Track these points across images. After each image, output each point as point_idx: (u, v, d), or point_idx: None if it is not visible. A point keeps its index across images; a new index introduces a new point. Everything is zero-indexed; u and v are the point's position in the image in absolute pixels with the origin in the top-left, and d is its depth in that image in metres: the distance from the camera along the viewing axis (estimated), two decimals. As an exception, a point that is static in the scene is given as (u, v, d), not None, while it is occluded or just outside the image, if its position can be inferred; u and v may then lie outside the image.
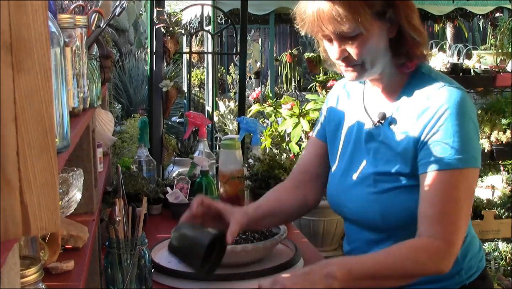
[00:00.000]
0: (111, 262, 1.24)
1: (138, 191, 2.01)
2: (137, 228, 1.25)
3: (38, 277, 0.72)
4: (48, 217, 0.47)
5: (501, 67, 3.76)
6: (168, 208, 2.08)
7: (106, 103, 2.35)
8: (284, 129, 2.75)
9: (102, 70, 1.64)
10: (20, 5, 0.45)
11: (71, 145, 0.82)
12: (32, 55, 0.46)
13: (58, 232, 1.10)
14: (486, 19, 9.37)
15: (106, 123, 1.99)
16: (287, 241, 1.69)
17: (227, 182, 2.02)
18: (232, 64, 9.24)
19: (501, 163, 3.76)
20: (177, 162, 2.45)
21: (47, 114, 0.47)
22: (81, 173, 1.25)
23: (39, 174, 0.46)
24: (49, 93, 0.47)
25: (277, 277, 1.10)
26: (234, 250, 1.48)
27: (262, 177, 1.95)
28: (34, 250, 0.97)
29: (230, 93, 8.23)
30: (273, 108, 2.88)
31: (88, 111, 1.19)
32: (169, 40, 2.61)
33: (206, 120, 2.54)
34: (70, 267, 1.10)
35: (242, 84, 2.97)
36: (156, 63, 2.65)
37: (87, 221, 1.34)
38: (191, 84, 3.67)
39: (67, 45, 0.99)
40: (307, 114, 2.69)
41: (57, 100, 0.71)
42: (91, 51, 1.39)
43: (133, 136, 3.51)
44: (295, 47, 9.90)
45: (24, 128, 0.45)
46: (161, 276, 1.48)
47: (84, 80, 1.11)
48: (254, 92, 3.26)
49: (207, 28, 6.26)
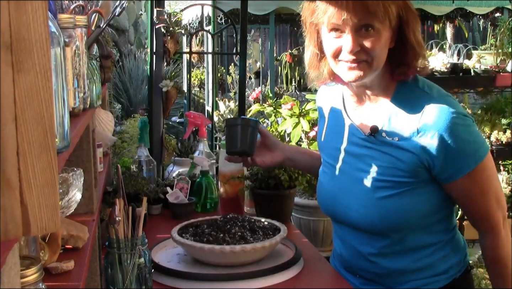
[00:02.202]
0: (111, 262, 1.24)
1: (138, 191, 2.01)
2: (137, 228, 1.25)
3: (38, 277, 0.72)
4: (48, 217, 0.47)
5: (501, 67, 3.76)
6: (168, 208, 2.08)
7: (106, 103, 2.35)
8: (284, 129, 2.75)
9: (102, 70, 1.64)
10: (20, 5, 0.45)
11: (71, 145, 0.82)
12: (32, 55, 0.46)
13: (58, 232, 1.10)
14: (486, 19, 9.38)
15: (106, 123, 1.99)
16: (287, 241, 1.69)
17: (227, 182, 2.02)
18: (232, 64, 9.24)
19: (501, 163, 3.76)
20: (177, 162, 2.45)
21: (47, 114, 0.47)
22: (81, 173, 1.25)
23: (39, 174, 0.46)
24: (49, 93, 0.47)
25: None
26: (234, 250, 1.48)
27: (262, 177, 1.95)
28: (34, 250, 0.97)
29: (230, 93, 8.23)
30: (273, 108, 2.88)
31: (88, 111, 1.19)
32: (169, 40, 2.60)
33: (206, 120, 2.53)
34: (70, 267, 1.10)
35: (242, 84, 2.97)
36: (156, 63, 2.65)
37: (87, 221, 1.34)
38: (191, 84, 3.67)
39: (67, 45, 0.99)
40: (307, 114, 2.69)
41: (57, 100, 0.71)
42: (91, 51, 1.39)
43: (133, 136, 3.51)
44: (295, 47, 9.90)
45: (24, 128, 0.45)
46: (161, 276, 1.48)
47: (84, 80, 1.11)
48: (254, 92, 3.26)
49: (207, 28, 6.26)
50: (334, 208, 1.43)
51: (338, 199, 1.40)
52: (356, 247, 1.40)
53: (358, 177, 1.34)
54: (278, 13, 7.94)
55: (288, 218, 2.03)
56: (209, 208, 2.14)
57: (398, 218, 1.29)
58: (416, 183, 1.28)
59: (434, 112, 1.23)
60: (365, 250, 1.38)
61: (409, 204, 1.29)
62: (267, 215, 1.82)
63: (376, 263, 1.37)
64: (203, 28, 3.91)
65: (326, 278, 1.54)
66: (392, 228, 1.31)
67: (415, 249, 1.34)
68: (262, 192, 1.96)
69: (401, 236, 1.33)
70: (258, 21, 8.50)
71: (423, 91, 1.28)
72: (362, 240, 1.38)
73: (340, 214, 1.41)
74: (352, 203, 1.35)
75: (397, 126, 1.28)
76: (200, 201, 2.13)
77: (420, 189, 1.29)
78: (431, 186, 1.30)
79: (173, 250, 1.68)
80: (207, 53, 6.75)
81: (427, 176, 1.28)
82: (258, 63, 9.70)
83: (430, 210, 1.32)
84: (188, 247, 1.55)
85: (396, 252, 1.34)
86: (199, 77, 8.44)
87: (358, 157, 1.36)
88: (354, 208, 1.35)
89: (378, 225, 1.31)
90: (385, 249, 1.35)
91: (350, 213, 1.36)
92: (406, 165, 1.27)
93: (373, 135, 1.32)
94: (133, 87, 8.17)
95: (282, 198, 1.97)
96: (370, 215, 1.31)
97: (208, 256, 1.52)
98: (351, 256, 1.44)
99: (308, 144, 2.66)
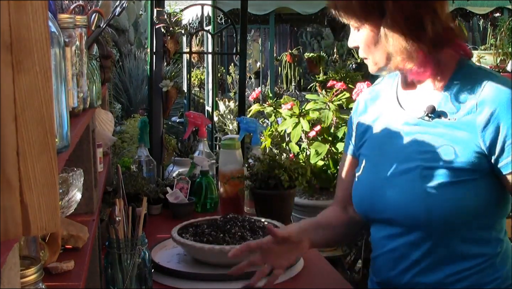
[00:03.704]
0: (111, 262, 1.24)
1: (138, 191, 2.01)
2: (137, 228, 1.25)
3: (38, 277, 0.72)
4: (48, 217, 0.47)
5: (501, 67, 3.76)
6: (168, 208, 2.08)
7: (106, 103, 2.35)
8: (284, 129, 2.75)
9: (102, 70, 1.64)
10: (20, 5, 0.45)
11: (71, 145, 0.82)
12: (32, 55, 0.46)
13: (58, 232, 1.10)
14: (486, 19, 9.38)
15: (106, 123, 1.99)
16: (287, 241, 1.69)
17: (227, 182, 2.02)
18: (232, 64, 9.24)
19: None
20: (177, 162, 2.45)
21: (47, 114, 0.47)
22: (81, 173, 1.25)
23: (39, 174, 0.46)
24: (49, 93, 0.47)
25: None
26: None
27: (262, 177, 1.95)
28: (34, 250, 0.97)
29: (230, 93, 8.23)
30: (273, 108, 2.88)
31: (88, 111, 1.19)
32: (169, 40, 2.61)
33: (206, 120, 2.53)
34: (70, 267, 1.10)
35: (242, 84, 2.97)
36: (156, 63, 2.65)
37: (87, 221, 1.34)
38: (191, 84, 3.67)
39: (67, 45, 0.99)
40: (307, 114, 2.69)
41: (57, 100, 0.71)
42: (91, 51, 1.39)
43: (133, 136, 3.52)
44: (295, 47, 9.90)
45: (24, 128, 0.45)
46: (161, 276, 1.48)
47: (84, 80, 1.11)
48: (254, 92, 3.25)
49: (207, 28, 6.26)
50: (372, 205, 1.28)
51: (378, 195, 1.26)
52: (393, 251, 1.26)
53: (402, 167, 1.22)
54: (278, 13, 7.94)
55: (288, 218, 2.03)
56: (209, 208, 2.14)
57: (446, 213, 1.15)
58: (471, 172, 1.15)
59: (494, 87, 1.14)
60: (403, 254, 1.24)
61: (461, 198, 1.15)
62: (267, 215, 1.82)
63: (413, 274, 1.23)
64: (203, 28, 3.92)
65: (326, 278, 1.54)
66: (436, 225, 1.17)
67: (453, 258, 1.19)
68: (262, 192, 1.95)
69: (442, 239, 1.19)
70: (258, 21, 8.50)
71: (484, 71, 1.20)
72: (404, 240, 1.23)
73: (378, 212, 1.27)
74: (395, 197, 1.22)
75: (455, 105, 1.18)
76: (200, 201, 2.13)
77: (475, 182, 1.16)
78: (488, 180, 1.16)
79: (173, 250, 1.68)
80: (207, 53, 6.75)
81: (484, 164, 1.15)
82: (258, 63, 9.70)
83: (481, 210, 1.17)
84: (188, 247, 1.55)
85: (437, 261, 1.21)
86: (199, 77, 8.44)
87: (401, 143, 1.24)
88: (398, 204, 1.21)
89: (422, 220, 1.18)
90: (426, 257, 1.21)
91: (392, 211, 1.23)
92: (460, 148, 1.15)
93: (429, 116, 1.21)
94: (133, 87, 8.18)
95: (282, 198, 1.97)
96: (416, 209, 1.18)
97: (208, 256, 1.52)
98: (386, 266, 1.29)
99: (308, 144, 2.66)
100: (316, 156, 2.56)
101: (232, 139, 2.13)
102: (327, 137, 2.62)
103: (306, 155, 2.63)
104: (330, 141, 2.59)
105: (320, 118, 2.67)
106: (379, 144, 1.31)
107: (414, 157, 1.20)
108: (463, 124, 1.15)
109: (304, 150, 2.68)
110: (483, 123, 1.13)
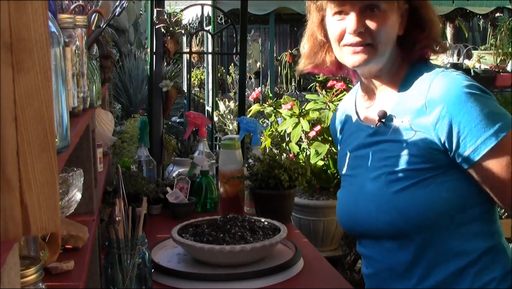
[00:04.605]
0: (111, 262, 1.24)
1: (138, 191, 2.01)
2: (137, 228, 1.25)
3: (38, 277, 0.72)
4: (48, 217, 0.47)
5: (501, 67, 3.76)
6: (168, 208, 2.08)
7: (106, 103, 2.35)
8: (284, 129, 2.75)
9: (102, 70, 1.64)
10: (20, 5, 0.45)
11: (71, 145, 0.82)
12: (32, 55, 0.46)
13: (58, 232, 1.10)
14: (486, 19, 9.38)
15: (106, 123, 1.99)
16: (287, 241, 1.69)
17: (227, 182, 2.02)
18: (232, 64, 9.25)
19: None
20: (177, 162, 2.45)
21: (47, 114, 0.47)
22: (81, 173, 1.25)
23: (39, 174, 0.46)
24: (49, 93, 0.47)
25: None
26: (234, 250, 1.48)
27: (262, 177, 1.95)
28: (34, 250, 0.97)
29: (230, 93, 8.24)
30: (273, 108, 2.88)
31: (88, 111, 1.19)
32: (169, 40, 2.61)
33: (206, 120, 2.54)
34: (70, 267, 1.10)
35: (242, 84, 2.97)
36: (156, 63, 2.65)
37: (87, 221, 1.34)
38: (191, 84, 3.67)
39: (67, 45, 0.99)
40: (307, 114, 2.69)
41: (57, 100, 0.71)
42: (91, 51, 1.39)
43: (133, 136, 3.52)
44: (295, 47, 9.90)
45: (24, 128, 0.45)
46: (161, 276, 1.48)
47: (84, 80, 1.11)
48: (254, 92, 3.25)
49: (207, 28, 6.26)
50: (353, 219, 1.29)
51: (355, 207, 1.27)
52: (381, 262, 1.26)
53: (370, 176, 1.23)
54: (278, 13, 7.94)
55: (288, 218, 2.03)
56: (209, 208, 2.14)
57: (419, 213, 1.15)
58: (433, 169, 1.14)
59: (441, 84, 1.13)
60: (392, 260, 1.23)
61: (429, 195, 1.14)
62: (267, 215, 1.82)
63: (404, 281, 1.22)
64: (203, 28, 3.92)
65: (326, 278, 1.54)
66: (414, 227, 1.17)
67: (445, 257, 1.18)
68: (262, 192, 1.95)
69: (427, 239, 1.17)
70: (258, 21, 8.51)
71: (433, 70, 1.19)
72: (388, 247, 1.23)
73: (359, 225, 1.27)
74: (369, 206, 1.22)
75: (405, 107, 1.19)
76: (200, 201, 2.13)
77: (440, 177, 1.15)
78: (453, 174, 1.15)
79: (173, 250, 1.68)
80: (207, 53, 6.75)
81: (445, 159, 1.14)
82: (258, 63, 9.70)
83: (456, 203, 1.15)
84: (188, 247, 1.55)
85: (431, 264, 1.19)
86: (199, 77, 8.45)
87: (367, 155, 1.26)
88: (371, 212, 1.22)
89: (398, 224, 1.17)
90: (419, 261, 1.19)
91: (368, 220, 1.23)
92: (418, 149, 1.15)
93: (382, 122, 1.22)
94: (133, 87, 8.17)
95: (282, 198, 1.97)
96: (388, 214, 1.18)
97: (208, 256, 1.52)
98: (378, 276, 1.29)
99: (308, 144, 2.66)
100: (316, 156, 2.56)
101: (232, 139, 2.13)
102: (327, 137, 2.62)
103: (306, 155, 2.63)
104: (330, 141, 2.59)
105: (320, 118, 2.66)
106: (352, 161, 1.34)
107: (378, 165, 1.23)
108: (416, 125, 1.17)
109: (304, 150, 2.68)
110: (434, 122, 1.13)
